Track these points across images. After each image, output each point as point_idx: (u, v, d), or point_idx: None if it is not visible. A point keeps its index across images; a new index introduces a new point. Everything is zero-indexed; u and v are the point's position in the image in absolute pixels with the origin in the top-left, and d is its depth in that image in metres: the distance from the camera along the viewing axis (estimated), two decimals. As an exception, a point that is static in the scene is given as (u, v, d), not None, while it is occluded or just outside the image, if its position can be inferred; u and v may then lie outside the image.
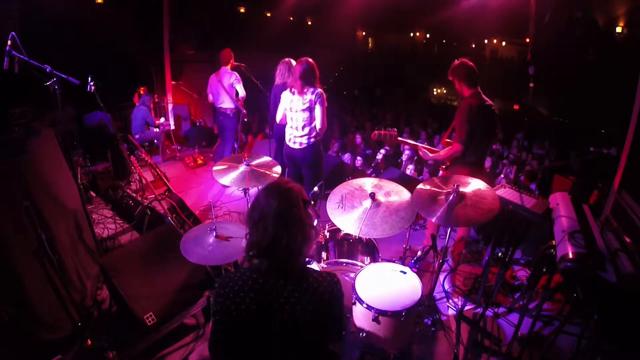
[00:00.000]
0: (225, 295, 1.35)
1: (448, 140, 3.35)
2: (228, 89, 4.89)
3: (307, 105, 3.40)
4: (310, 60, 3.40)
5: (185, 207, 3.80)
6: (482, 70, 3.09)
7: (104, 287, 2.97)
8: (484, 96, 3.06)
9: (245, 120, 5.37)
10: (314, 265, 2.55)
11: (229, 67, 4.90)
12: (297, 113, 3.47)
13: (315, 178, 3.50)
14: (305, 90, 3.40)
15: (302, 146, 3.55)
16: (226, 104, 4.99)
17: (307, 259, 2.05)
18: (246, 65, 5.05)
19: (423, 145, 3.27)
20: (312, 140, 3.53)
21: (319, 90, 3.39)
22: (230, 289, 1.36)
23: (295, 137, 3.56)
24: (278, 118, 3.68)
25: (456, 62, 3.09)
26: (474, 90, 3.05)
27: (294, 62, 4.13)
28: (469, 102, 3.00)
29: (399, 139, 3.30)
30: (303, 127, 3.49)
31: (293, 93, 3.46)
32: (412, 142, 3.40)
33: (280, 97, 3.83)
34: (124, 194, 4.33)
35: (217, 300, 1.37)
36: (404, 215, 2.39)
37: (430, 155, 3.21)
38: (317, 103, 3.39)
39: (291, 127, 3.57)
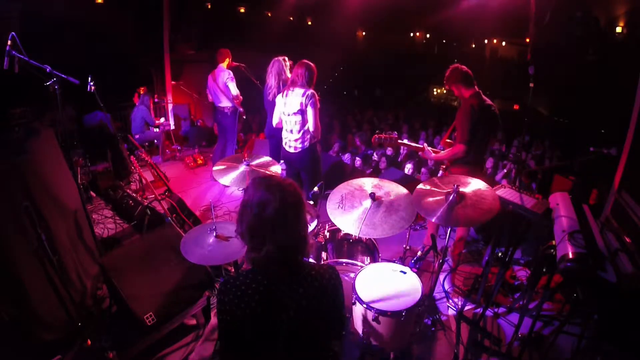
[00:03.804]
0: (230, 302, 1.33)
1: (449, 140, 3.35)
2: (223, 87, 4.87)
3: (298, 108, 3.34)
4: (310, 63, 3.34)
5: (185, 207, 3.80)
6: (482, 70, 3.10)
7: (104, 287, 2.97)
8: (484, 96, 3.08)
9: (244, 118, 5.35)
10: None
11: (224, 65, 4.89)
12: (289, 116, 3.42)
13: (313, 181, 3.49)
14: (296, 90, 3.34)
15: (297, 150, 3.52)
16: (224, 102, 4.97)
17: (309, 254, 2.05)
18: (246, 66, 5.05)
19: (424, 146, 3.27)
20: (306, 144, 3.49)
21: (310, 91, 3.31)
22: (234, 295, 1.33)
23: (290, 141, 3.52)
24: (274, 122, 3.65)
25: (448, 70, 3.13)
26: (473, 90, 3.07)
27: (286, 61, 4.12)
28: (470, 103, 3.01)
29: (399, 141, 3.31)
30: (297, 131, 3.45)
31: (286, 95, 3.42)
32: (413, 144, 3.41)
33: (270, 96, 3.83)
34: (124, 194, 4.33)
35: (222, 309, 1.34)
36: (404, 215, 2.39)
37: (432, 155, 3.21)
38: (309, 105, 3.32)
39: (286, 130, 3.53)
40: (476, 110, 2.98)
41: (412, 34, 17.09)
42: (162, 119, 6.48)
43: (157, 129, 6.02)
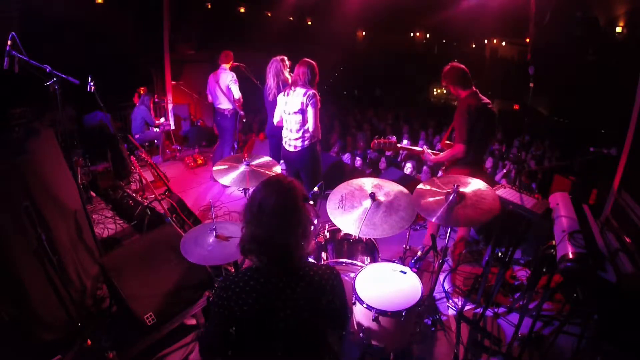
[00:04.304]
0: (228, 298, 1.35)
1: (448, 142, 3.35)
2: (225, 89, 4.87)
3: (299, 107, 3.36)
4: (312, 62, 3.37)
5: (185, 207, 3.80)
6: (482, 70, 3.10)
7: (104, 287, 2.97)
8: (480, 95, 3.07)
9: (244, 121, 5.35)
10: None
11: (227, 66, 4.89)
12: (290, 115, 3.44)
13: (312, 180, 3.50)
14: (297, 89, 3.36)
15: (297, 149, 3.53)
16: (224, 104, 4.96)
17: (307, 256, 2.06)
18: (246, 65, 5.05)
19: (424, 149, 3.27)
20: (306, 143, 3.50)
21: (311, 91, 3.34)
22: (232, 292, 1.35)
23: (290, 139, 3.54)
24: (275, 120, 3.66)
25: (446, 67, 3.12)
26: (470, 90, 3.07)
27: (285, 61, 4.12)
28: (467, 103, 3.01)
29: (399, 145, 3.32)
30: (297, 130, 3.46)
31: (287, 94, 3.44)
32: (412, 147, 3.42)
33: (270, 97, 3.83)
34: (124, 194, 4.33)
35: (220, 304, 1.36)
36: (404, 215, 2.39)
37: (432, 158, 3.22)
38: (309, 105, 3.34)
39: (286, 129, 3.55)
40: (473, 110, 2.97)
41: (412, 34, 17.09)
42: (162, 119, 6.48)
43: (157, 129, 6.01)
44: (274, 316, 1.34)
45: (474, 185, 2.45)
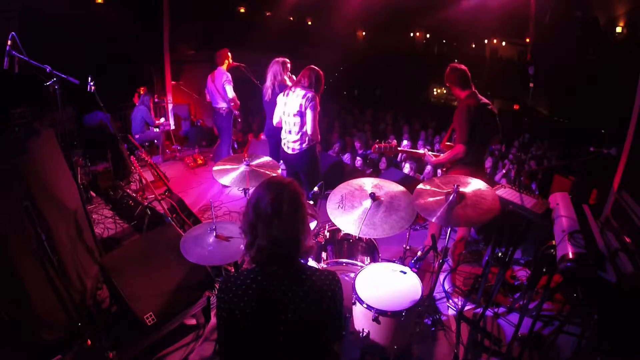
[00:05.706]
0: (229, 301, 1.35)
1: (448, 143, 3.36)
2: (220, 89, 4.92)
3: (298, 109, 3.36)
4: (318, 70, 3.38)
5: (185, 207, 3.80)
6: (482, 70, 3.11)
7: (104, 287, 2.97)
8: (480, 96, 3.10)
9: (239, 120, 5.37)
10: (314, 264, 2.55)
11: (224, 67, 4.92)
12: (289, 117, 3.44)
13: (312, 182, 3.50)
14: (297, 90, 3.36)
15: (295, 152, 3.53)
16: (220, 103, 5.03)
17: (306, 258, 2.06)
18: (246, 65, 5.06)
19: (425, 152, 3.27)
20: (304, 146, 3.49)
21: (310, 94, 3.33)
22: (234, 294, 1.35)
23: (289, 142, 3.53)
24: (275, 121, 3.66)
25: (447, 69, 3.16)
26: (469, 91, 3.09)
27: (287, 63, 4.13)
28: (466, 103, 3.03)
29: (399, 148, 3.33)
30: (297, 132, 3.45)
31: (287, 95, 3.43)
32: (413, 150, 3.43)
33: (267, 97, 3.87)
34: (124, 194, 4.33)
35: (221, 307, 1.36)
36: (404, 215, 2.39)
37: (433, 160, 3.22)
38: (308, 108, 3.33)
39: (285, 130, 3.54)
40: (472, 110, 2.99)
41: (412, 34, 17.08)
42: (162, 119, 6.49)
43: (157, 129, 6.02)
44: (275, 319, 1.34)
45: (474, 185, 2.45)
